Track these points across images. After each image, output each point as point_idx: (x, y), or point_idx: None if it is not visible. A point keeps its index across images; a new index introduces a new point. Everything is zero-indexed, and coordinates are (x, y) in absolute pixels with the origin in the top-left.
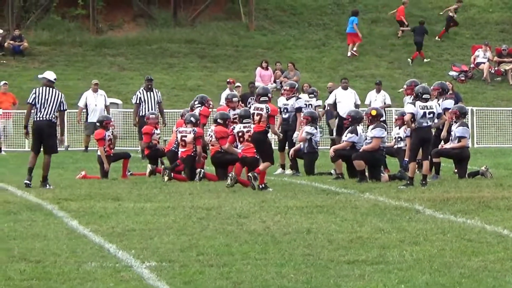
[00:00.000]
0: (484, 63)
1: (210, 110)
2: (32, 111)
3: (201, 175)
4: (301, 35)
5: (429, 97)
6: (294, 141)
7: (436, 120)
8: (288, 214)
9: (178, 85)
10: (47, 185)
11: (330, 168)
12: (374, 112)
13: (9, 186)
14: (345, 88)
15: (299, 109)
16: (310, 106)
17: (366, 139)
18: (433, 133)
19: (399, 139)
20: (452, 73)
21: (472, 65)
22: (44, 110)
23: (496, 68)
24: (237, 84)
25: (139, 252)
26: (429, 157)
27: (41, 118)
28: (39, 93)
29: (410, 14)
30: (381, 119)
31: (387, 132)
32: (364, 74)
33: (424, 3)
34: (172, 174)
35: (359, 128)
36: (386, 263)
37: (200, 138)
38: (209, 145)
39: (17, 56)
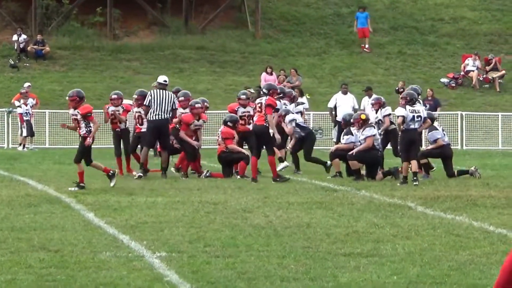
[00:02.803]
0: (473, 71)
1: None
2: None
3: (207, 174)
4: (303, 43)
5: (416, 102)
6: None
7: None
8: (289, 209)
9: (188, 88)
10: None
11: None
12: (363, 116)
13: (30, 180)
14: (344, 93)
15: (276, 110)
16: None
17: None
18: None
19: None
20: (443, 80)
21: (462, 73)
22: (160, 110)
23: (484, 76)
24: (252, 90)
25: (150, 243)
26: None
27: (158, 118)
28: (154, 96)
29: (405, 25)
30: (370, 122)
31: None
32: (362, 80)
33: (418, 15)
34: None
35: (353, 129)
36: (380, 256)
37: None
38: (217, 144)
39: (39, 60)
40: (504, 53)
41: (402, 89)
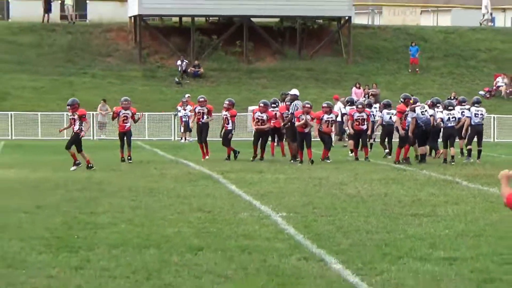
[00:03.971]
0: (502, 86)
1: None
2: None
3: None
4: (381, 66)
5: (452, 107)
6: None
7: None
8: (372, 183)
9: (301, 98)
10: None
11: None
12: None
13: (190, 163)
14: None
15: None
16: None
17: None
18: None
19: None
20: (481, 92)
21: (494, 87)
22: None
23: (510, 90)
24: (341, 98)
25: (275, 207)
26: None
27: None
28: (295, 105)
29: (454, 54)
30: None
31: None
32: (423, 92)
33: (463, 46)
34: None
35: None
36: (436, 216)
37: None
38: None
39: (196, 78)
40: None
41: (454, 98)
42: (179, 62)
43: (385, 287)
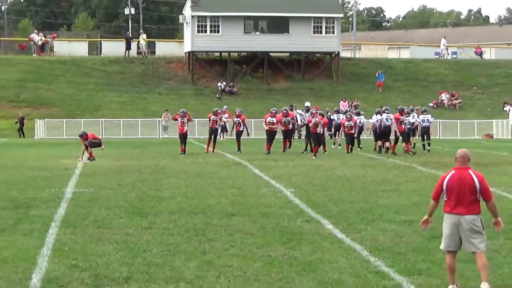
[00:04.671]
0: (445, 99)
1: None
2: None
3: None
4: (360, 86)
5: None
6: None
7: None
8: (354, 168)
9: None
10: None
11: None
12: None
13: (226, 153)
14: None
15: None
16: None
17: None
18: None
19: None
20: (430, 104)
21: (439, 100)
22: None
23: (450, 102)
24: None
25: (285, 184)
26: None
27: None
28: (300, 113)
29: (411, 77)
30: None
31: None
32: (390, 104)
33: (418, 72)
34: None
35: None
36: (399, 191)
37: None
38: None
39: (231, 95)
40: (462, 91)
41: (414, 109)
42: (219, 84)
43: (363, 241)
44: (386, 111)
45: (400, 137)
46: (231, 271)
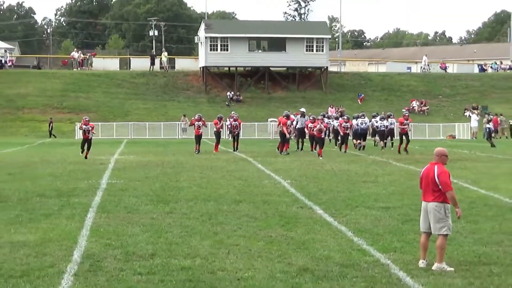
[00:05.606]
0: (415, 107)
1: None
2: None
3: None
4: (345, 95)
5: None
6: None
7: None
8: (341, 163)
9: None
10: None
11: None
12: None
13: (234, 152)
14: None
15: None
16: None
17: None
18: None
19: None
20: (403, 110)
21: (411, 107)
22: (302, 123)
23: (420, 108)
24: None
25: (283, 176)
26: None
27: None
28: (296, 117)
29: (387, 88)
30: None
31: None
32: (369, 110)
33: (392, 84)
34: None
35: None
36: (377, 182)
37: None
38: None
39: (238, 103)
40: (429, 99)
41: (386, 115)
42: (228, 93)
43: (348, 224)
44: (362, 116)
45: (404, 138)
46: (239, 249)
